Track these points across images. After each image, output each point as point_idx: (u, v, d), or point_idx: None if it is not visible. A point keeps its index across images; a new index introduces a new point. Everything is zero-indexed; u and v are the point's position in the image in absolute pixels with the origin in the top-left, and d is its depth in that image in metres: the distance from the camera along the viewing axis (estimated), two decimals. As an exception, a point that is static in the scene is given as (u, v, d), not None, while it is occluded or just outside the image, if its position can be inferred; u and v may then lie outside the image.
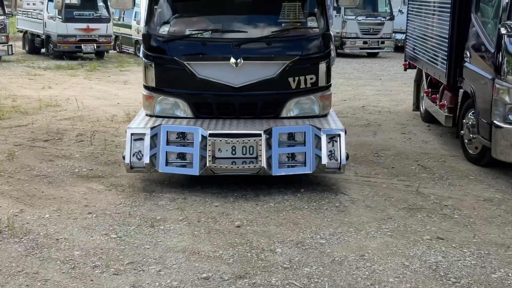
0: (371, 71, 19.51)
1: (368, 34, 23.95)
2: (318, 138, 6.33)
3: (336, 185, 6.75)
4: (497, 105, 6.69)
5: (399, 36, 24.64)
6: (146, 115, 6.93)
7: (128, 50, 25.10)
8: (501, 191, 6.64)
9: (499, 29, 6.67)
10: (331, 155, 6.28)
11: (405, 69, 11.82)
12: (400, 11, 23.60)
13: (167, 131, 6.37)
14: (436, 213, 5.90)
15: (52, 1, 21.50)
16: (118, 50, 25.73)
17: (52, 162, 7.59)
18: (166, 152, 6.32)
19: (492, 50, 6.96)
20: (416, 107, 11.12)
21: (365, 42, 24.04)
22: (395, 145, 8.73)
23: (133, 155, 6.28)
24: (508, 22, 6.55)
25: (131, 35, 24.23)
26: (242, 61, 6.48)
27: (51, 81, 15.99)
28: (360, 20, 23.61)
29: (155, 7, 6.91)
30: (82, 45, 21.90)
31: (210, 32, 6.81)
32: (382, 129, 9.93)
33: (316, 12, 6.94)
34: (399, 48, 24.10)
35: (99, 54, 22.92)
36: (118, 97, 13.34)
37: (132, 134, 6.34)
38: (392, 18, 24.16)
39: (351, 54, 24.51)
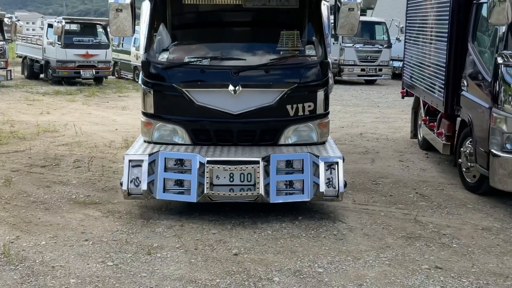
0: (369, 98, 19.61)
1: (366, 61, 24.16)
2: (316, 166, 6.33)
3: (334, 213, 6.72)
4: (494, 134, 6.72)
5: (397, 64, 24.88)
6: (144, 141, 6.93)
7: (126, 75, 25.22)
8: (500, 220, 6.62)
9: (496, 58, 6.73)
10: (329, 182, 6.27)
11: (403, 97, 11.87)
12: (397, 39, 23.84)
13: (165, 158, 6.37)
14: (435, 242, 5.87)
15: (52, 27, 21.69)
16: (116, 75, 25.86)
17: (49, 188, 7.57)
18: (164, 178, 6.31)
19: (489, 79, 7.00)
20: (414, 134, 11.16)
21: (363, 70, 24.24)
22: (393, 173, 8.73)
23: (131, 181, 6.26)
24: (505, 51, 6.62)
25: (130, 61, 24.38)
26: (241, 88, 6.50)
27: (49, 106, 16.03)
28: (358, 47, 23.84)
29: (154, 34, 6.96)
30: (81, 70, 22.03)
31: (208, 59, 6.84)
32: (380, 156, 9.94)
33: (314, 40, 6.98)
34: (396, 75, 24.31)
35: (98, 80, 23.04)
36: (116, 123, 13.36)
37: (130, 161, 6.33)
38: (389, 46, 24.40)
39: (349, 81, 24.68)
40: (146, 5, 7.11)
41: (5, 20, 20.53)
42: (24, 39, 25.33)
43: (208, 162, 6.25)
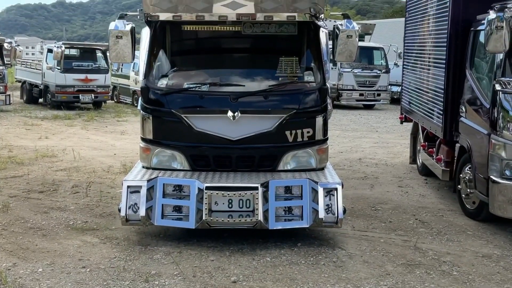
0: (368, 123, 19.65)
1: (364, 86, 24.29)
2: (315, 192, 6.31)
3: (333, 239, 6.68)
4: (493, 160, 6.71)
5: (395, 89, 25.00)
6: (143, 167, 6.91)
7: (125, 100, 25.30)
8: (500, 247, 6.58)
9: (494, 85, 6.76)
10: (328, 209, 6.24)
11: (402, 122, 11.89)
12: (395, 64, 24.01)
13: (163, 184, 6.35)
14: (435, 270, 5.82)
15: (52, 52, 21.81)
16: (115, 100, 25.94)
17: (46, 214, 7.52)
18: (162, 204, 6.28)
19: (487, 106, 7.02)
20: (413, 160, 11.15)
21: (361, 94, 24.36)
22: (392, 199, 8.70)
23: (129, 207, 6.23)
24: (503, 78, 6.65)
25: (129, 85, 24.48)
26: (240, 114, 6.51)
27: (48, 131, 16.04)
28: (356, 72, 23.99)
29: (153, 60, 6.99)
30: (80, 95, 22.12)
31: (208, 85, 6.86)
32: (379, 182, 9.92)
33: (313, 67, 7.02)
34: (395, 100, 24.40)
35: (97, 104, 23.11)
36: (114, 148, 13.35)
37: (128, 187, 6.31)
38: (387, 71, 24.56)
39: (348, 105, 24.75)
40: (145, 32, 7.15)
41: (5, 45, 20.66)
42: (24, 64, 25.47)
43: (207, 188, 6.23)
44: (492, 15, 6.47)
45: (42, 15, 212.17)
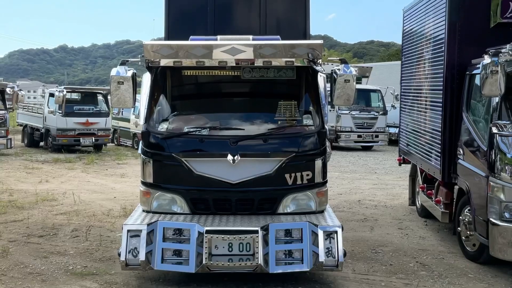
0: (366, 164, 19.71)
1: (362, 128, 24.49)
2: (315, 235, 6.31)
3: (334, 283, 6.64)
4: (492, 202, 6.74)
5: (393, 130, 25.18)
6: (143, 210, 6.93)
7: (126, 143, 25.43)
8: (501, 290, 6.55)
9: (491, 128, 6.84)
10: (328, 252, 6.23)
11: (400, 164, 11.94)
12: (392, 106, 24.24)
13: (163, 228, 6.35)
14: (437, 313, 5.78)
15: (53, 96, 22.04)
16: (116, 142, 26.06)
17: (46, 259, 7.50)
18: (162, 249, 6.26)
19: (485, 148, 7.09)
20: (412, 201, 11.16)
21: (359, 136, 24.54)
22: (392, 241, 8.68)
23: (129, 252, 6.22)
24: (499, 121, 6.74)
25: (129, 128, 24.65)
26: (239, 157, 6.56)
27: (48, 174, 16.07)
28: (354, 114, 24.22)
29: (154, 105, 7.08)
30: (80, 138, 22.25)
31: (207, 129, 6.94)
32: (379, 224, 9.91)
33: (311, 110, 7.10)
34: (393, 141, 24.55)
35: (97, 147, 23.23)
36: (115, 191, 13.36)
37: (128, 231, 6.31)
38: (385, 113, 24.80)
39: (346, 147, 24.86)
40: (146, 77, 7.27)
41: (7, 89, 20.88)
42: (25, 108, 25.70)
43: (207, 231, 6.23)
44: (487, 59, 6.59)
45: (44, 60, 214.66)
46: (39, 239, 8.56)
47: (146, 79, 7.27)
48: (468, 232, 7.61)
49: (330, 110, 8.12)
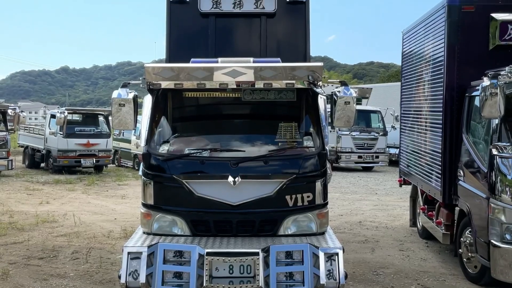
0: (367, 185, 19.69)
1: (363, 148, 24.52)
2: (316, 257, 6.27)
3: (335, 305, 6.59)
4: (493, 224, 6.73)
5: (393, 151, 25.19)
6: (144, 232, 6.91)
7: (126, 164, 25.44)
8: (504, 312, 6.51)
9: (491, 150, 6.86)
10: (329, 274, 6.19)
11: (401, 185, 11.94)
12: (393, 127, 24.30)
13: (164, 250, 6.32)
14: (439, 336, 5.74)
15: (55, 118, 22.11)
16: (117, 163, 26.07)
17: (46, 281, 7.47)
18: (163, 271, 6.23)
19: (485, 170, 7.10)
20: (413, 223, 11.14)
21: (360, 157, 24.56)
22: (393, 263, 8.64)
23: (129, 274, 6.18)
24: (499, 143, 6.76)
25: (130, 149, 24.68)
26: (240, 179, 6.56)
27: (49, 196, 16.06)
28: (354, 135, 24.27)
29: (155, 127, 7.11)
30: (81, 159, 22.27)
31: (208, 151, 6.95)
32: (380, 245, 9.87)
33: (312, 132, 7.12)
34: (393, 162, 24.54)
35: (98, 168, 23.24)
36: (115, 212, 13.34)
37: (129, 253, 6.29)
38: (385, 133, 24.85)
39: (347, 168, 24.85)
40: (147, 99, 7.31)
41: (9, 111, 20.98)
42: (27, 129, 25.77)
43: (208, 253, 6.21)
44: (486, 82, 6.64)
45: (46, 81, 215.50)
46: (39, 261, 8.53)
47: (147, 101, 7.30)
48: (469, 254, 7.58)
49: (330, 131, 8.14)
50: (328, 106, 7.38)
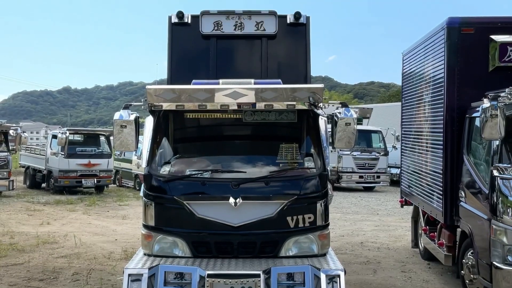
0: (368, 205, 19.64)
1: (364, 168, 24.51)
2: (317, 278, 6.25)
3: (337, 327, 6.54)
4: (495, 246, 6.70)
5: (394, 171, 25.17)
6: (145, 254, 6.89)
7: (127, 184, 25.42)
8: (507, 335, 6.46)
9: (492, 171, 6.85)
10: (331, 296, 6.17)
11: (402, 206, 11.91)
12: (394, 147, 24.32)
13: (165, 272, 6.30)
14: None
15: (56, 138, 22.17)
16: (118, 184, 26.05)
17: (46, 303, 7.43)
18: (164, 293, 6.21)
19: (486, 191, 7.09)
20: (415, 244, 11.09)
21: (361, 177, 24.54)
22: (395, 284, 8.59)
23: (130, 296, 6.16)
24: (500, 164, 6.76)
25: (131, 169, 24.68)
26: (241, 200, 6.56)
27: (50, 216, 16.03)
28: (355, 155, 24.28)
29: (156, 148, 7.13)
30: (82, 179, 22.28)
31: (209, 172, 6.95)
32: (381, 267, 9.82)
33: (312, 153, 7.13)
34: (394, 182, 24.51)
35: (99, 188, 23.21)
36: (116, 233, 13.30)
37: (129, 275, 6.26)
38: (386, 153, 24.86)
39: (348, 188, 24.81)
40: (149, 120, 7.34)
41: (10, 132, 21.04)
42: (28, 150, 25.82)
43: (209, 275, 6.18)
44: (486, 103, 6.66)
45: (48, 101, 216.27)
46: (39, 283, 8.49)
47: (149, 122, 7.33)
48: (471, 276, 7.54)
49: (331, 151, 8.16)
50: (329, 126, 7.40)
